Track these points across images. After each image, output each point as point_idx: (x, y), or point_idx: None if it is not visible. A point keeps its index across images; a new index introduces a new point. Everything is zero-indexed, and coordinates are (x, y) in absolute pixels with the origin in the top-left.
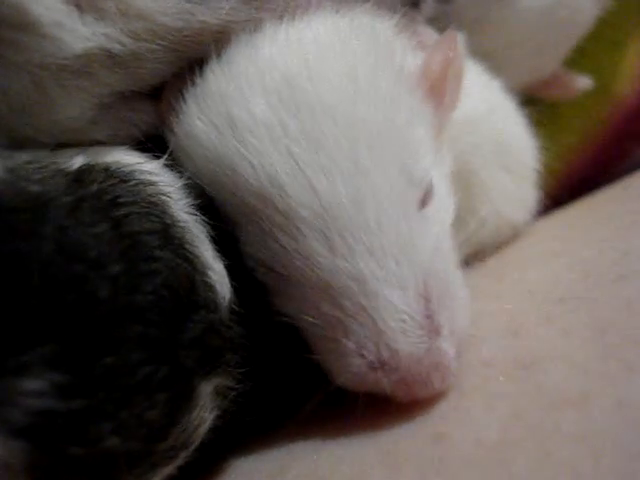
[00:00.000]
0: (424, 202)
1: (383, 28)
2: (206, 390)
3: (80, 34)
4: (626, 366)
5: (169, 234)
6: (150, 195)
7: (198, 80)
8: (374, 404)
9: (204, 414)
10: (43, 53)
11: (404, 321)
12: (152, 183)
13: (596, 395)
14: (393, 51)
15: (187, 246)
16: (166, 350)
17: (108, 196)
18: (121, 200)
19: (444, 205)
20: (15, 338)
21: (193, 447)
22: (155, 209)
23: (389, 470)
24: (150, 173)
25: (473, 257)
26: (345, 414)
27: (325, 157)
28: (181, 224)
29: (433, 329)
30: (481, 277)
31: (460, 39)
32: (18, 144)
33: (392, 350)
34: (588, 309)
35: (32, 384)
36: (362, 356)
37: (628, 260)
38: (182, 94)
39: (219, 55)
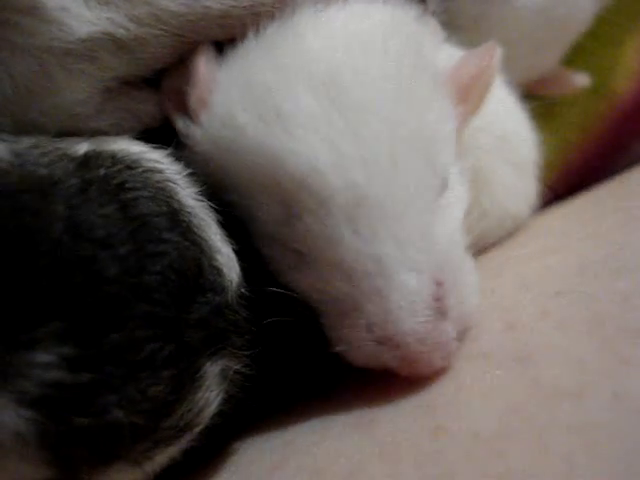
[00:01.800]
0: (441, 192)
1: (418, 25)
2: (212, 371)
3: (85, 18)
4: (622, 359)
5: (177, 218)
6: (157, 182)
7: (236, 69)
8: (373, 398)
9: (210, 395)
10: (48, 37)
11: (414, 302)
12: (159, 170)
13: (592, 388)
14: (428, 50)
15: (195, 229)
16: (172, 329)
17: (115, 180)
18: (128, 185)
19: (459, 196)
20: (26, 314)
21: (198, 429)
22: (162, 194)
23: (387, 463)
24: (156, 161)
25: (473, 250)
26: (344, 408)
27: (365, 150)
28: (188, 209)
29: (440, 311)
30: (477, 271)
31: (498, 53)
32: (22, 128)
33: (398, 327)
34: (584, 303)
35: (42, 357)
36: (371, 332)
37: (624, 254)
38: (214, 83)
39: (255, 36)
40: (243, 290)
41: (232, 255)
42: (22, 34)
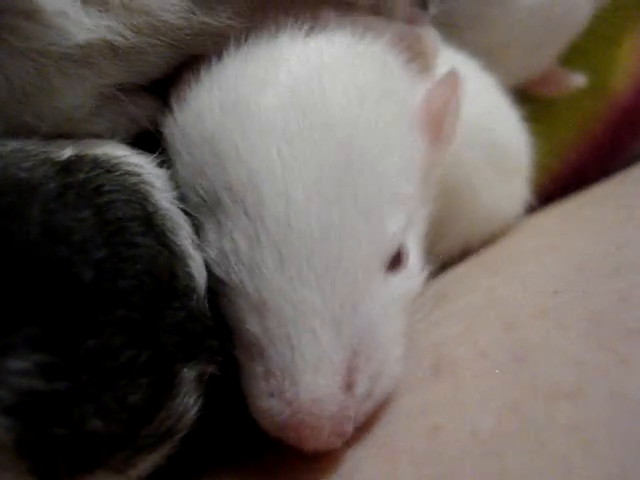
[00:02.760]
0: (393, 265)
1: (393, 58)
2: (189, 376)
3: (83, 25)
4: (620, 358)
5: (151, 221)
6: (133, 184)
7: (214, 66)
8: None
9: (188, 401)
10: (46, 41)
11: (321, 360)
12: (136, 174)
13: (590, 387)
14: (399, 84)
15: (168, 234)
16: (148, 334)
17: (92, 184)
18: (105, 189)
19: (413, 273)
20: (1, 318)
21: (180, 435)
22: (137, 197)
23: (384, 462)
24: (136, 165)
25: (467, 250)
26: None
27: (311, 171)
28: (162, 212)
29: (348, 382)
30: (475, 270)
31: (461, 79)
32: (15, 131)
33: (296, 383)
34: (582, 302)
35: (17, 364)
36: (268, 381)
37: (622, 253)
38: (194, 77)
39: (238, 47)
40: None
41: (201, 261)
42: (20, 37)
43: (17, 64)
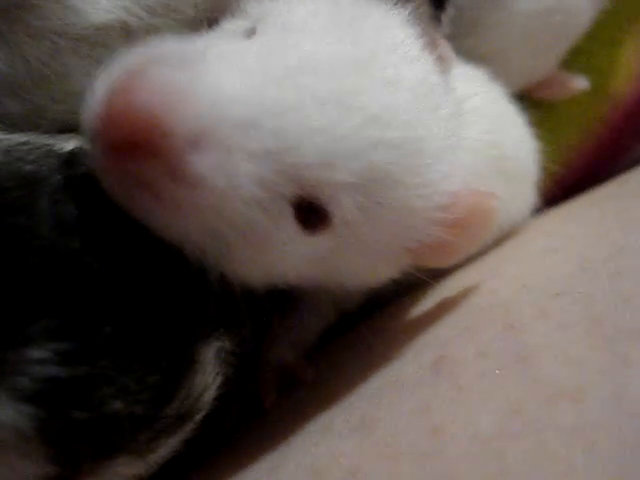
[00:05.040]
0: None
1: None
2: (207, 354)
3: (100, 6)
4: (621, 359)
5: None
6: None
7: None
8: (372, 399)
9: (207, 379)
10: (64, 21)
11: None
12: None
13: (591, 388)
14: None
15: None
16: (165, 315)
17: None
18: None
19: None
20: (19, 311)
21: (200, 416)
22: None
23: (386, 463)
24: None
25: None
26: (343, 408)
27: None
28: None
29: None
30: (477, 272)
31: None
32: (32, 114)
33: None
34: (584, 303)
35: (36, 353)
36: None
37: (624, 256)
38: None
39: None
40: None
41: None
42: (39, 17)
43: (34, 44)
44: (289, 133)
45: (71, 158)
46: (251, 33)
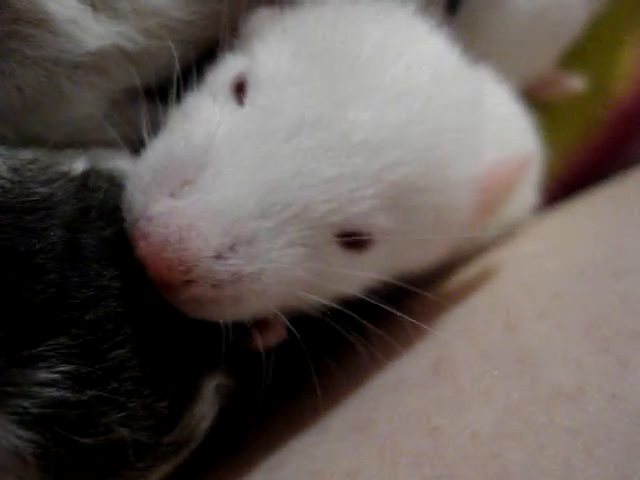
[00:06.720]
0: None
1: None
2: (209, 386)
3: (94, 32)
4: (620, 360)
5: None
6: None
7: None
8: (371, 399)
9: (206, 409)
10: (58, 49)
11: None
12: None
13: (590, 389)
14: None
15: None
16: (176, 345)
17: (111, 203)
18: None
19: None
20: (29, 332)
21: (194, 444)
22: None
23: (385, 464)
24: None
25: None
26: (343, 409)
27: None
28: None
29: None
30: (477, 273)
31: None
32: (25, 140)
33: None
34: (583, 304)
35: (45, 375)
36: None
37: (622, 256)
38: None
39: None
40: None
41: None
42: (31, 46)
43: (29, 73)
44: (302, 199)
45: (85, 181)
46: (241, 90)
